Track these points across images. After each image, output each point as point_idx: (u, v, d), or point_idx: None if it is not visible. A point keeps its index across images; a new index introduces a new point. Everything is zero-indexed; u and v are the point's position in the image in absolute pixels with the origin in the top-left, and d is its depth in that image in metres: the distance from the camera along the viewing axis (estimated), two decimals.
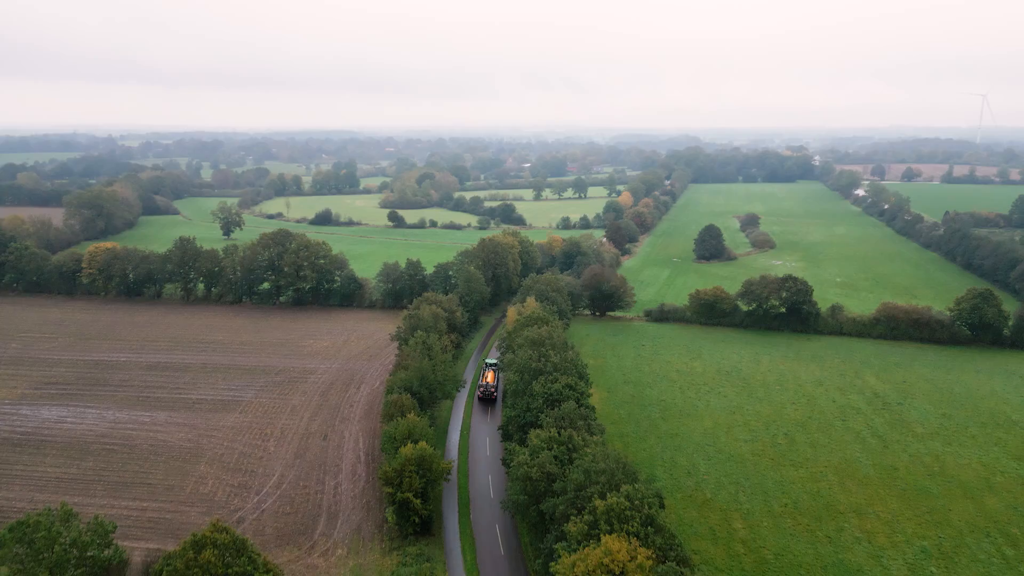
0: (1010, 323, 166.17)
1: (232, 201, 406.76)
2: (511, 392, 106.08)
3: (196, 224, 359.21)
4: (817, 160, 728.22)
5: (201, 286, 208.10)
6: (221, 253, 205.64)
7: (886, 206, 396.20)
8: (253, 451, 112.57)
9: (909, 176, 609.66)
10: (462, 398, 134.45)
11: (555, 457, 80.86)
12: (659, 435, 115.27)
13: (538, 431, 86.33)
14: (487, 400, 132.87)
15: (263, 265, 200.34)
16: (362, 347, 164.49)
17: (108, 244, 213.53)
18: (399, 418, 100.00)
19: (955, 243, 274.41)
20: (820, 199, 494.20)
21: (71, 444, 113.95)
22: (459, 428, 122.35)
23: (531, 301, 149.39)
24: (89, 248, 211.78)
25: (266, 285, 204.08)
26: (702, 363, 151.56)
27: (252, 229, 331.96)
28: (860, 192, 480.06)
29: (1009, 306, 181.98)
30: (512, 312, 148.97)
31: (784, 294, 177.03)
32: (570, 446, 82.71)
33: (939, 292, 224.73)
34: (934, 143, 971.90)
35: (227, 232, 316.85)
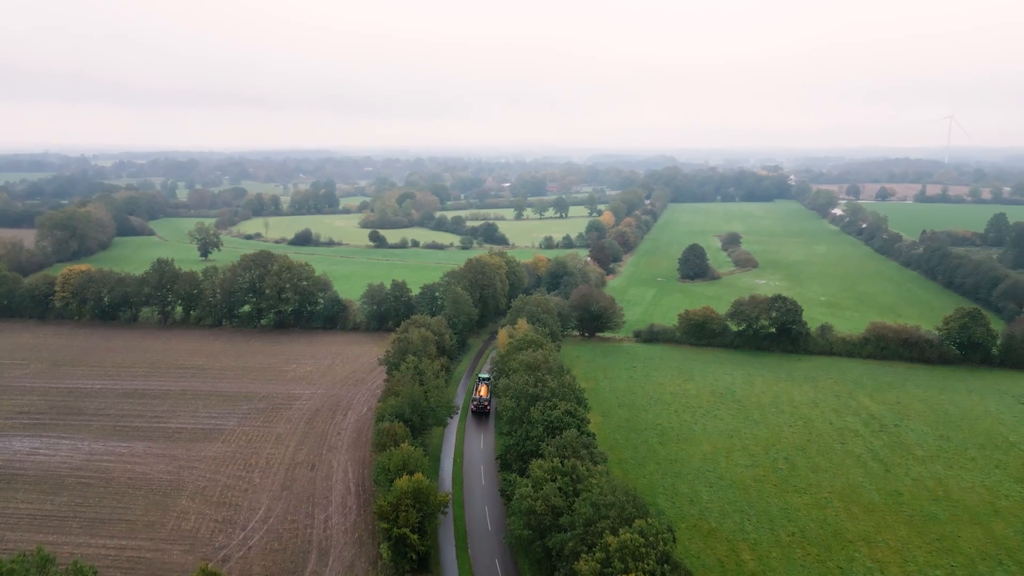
0: (998, 342, 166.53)
1: (209, 221, 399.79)
2: (507, 419, 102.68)
3: (172, 245, 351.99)
4: (793, 180, 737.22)
5: (179, 309, 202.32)
6: (200, 275, 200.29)
7: (864, 225, 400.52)
8: (237, 483, 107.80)
9: (883, 195, 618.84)
10: (453, 422, 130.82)
11: (559, 489, 77.62)
12: (658, 461, 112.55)
13: (540, 461, 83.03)
14: (480, 413, 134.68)
15: (244, 287, 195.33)
16: (347, 371, 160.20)
17: (82, 266, 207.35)
18: (392, 448, 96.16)
19: (935, 262, 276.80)
20: (798, 218, 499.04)
21: (44, 478, 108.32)
22: (452, 455, 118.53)
23: (523, 323, 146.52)
24: (63, 271, 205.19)
25: (247, 308, 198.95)
26: (695, 385, 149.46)
27: (230, 250, 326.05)
28: (837, 211, 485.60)
29: (993, 325, 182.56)
30: (503, 334, 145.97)
31: (774, 314, 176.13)
32: (574, 477, 79.55)
33: (922, 310, 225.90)
34: (905, 163, 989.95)
35: (204, 253, 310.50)
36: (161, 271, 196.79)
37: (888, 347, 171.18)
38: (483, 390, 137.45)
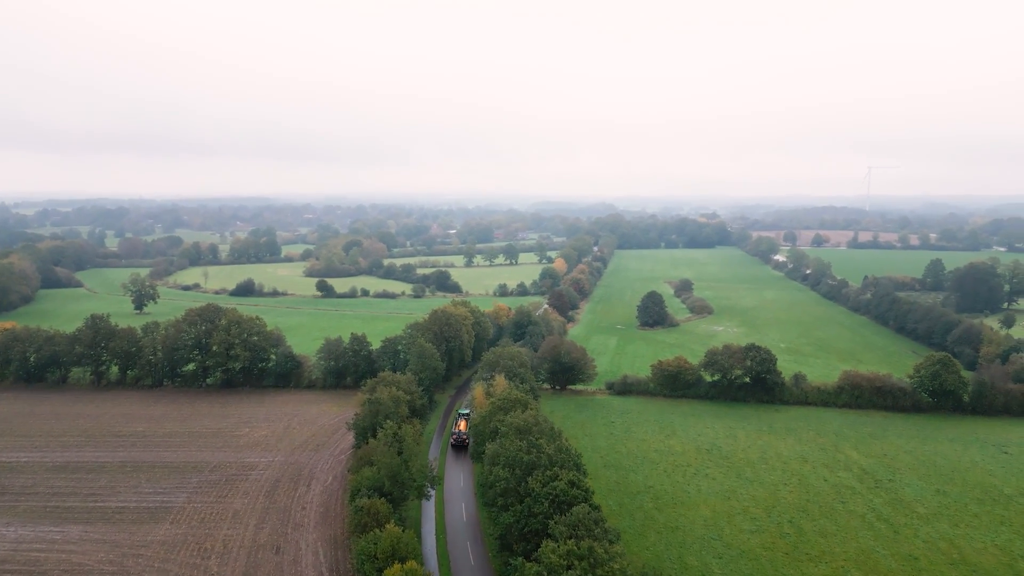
0: (969, 389, 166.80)
1: (143, 272, 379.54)
2: (501, 491, 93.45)
3: (103, 297, 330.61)
4: (731, 227, 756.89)
5: (115, 369, 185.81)
6: (140, 332, 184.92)
7: (808, 271, 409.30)
8: (191, 573, 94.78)
9: (819, 242, 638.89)
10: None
11: None
12: (658, 529, 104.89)
13: (552, 544, 74.24)
14: (459, 447, 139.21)
15: (189, 344, 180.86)
16: (307, 435, 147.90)
17: (6, 324, 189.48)
18: (376, 530, 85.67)
19: (885, 307, 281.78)
20: (741, 264, 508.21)
21: None
22: (433, 529, 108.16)
23: (501, 379, 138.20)
24: None
25: (191, 366, 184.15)
26: (679, 441, 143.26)
27: (167, 302, 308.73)
28: (780, 258, 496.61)
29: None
30: (480, 392, 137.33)
31: (748, 363, 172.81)
32: (592, 561, 71.13)
33: (880, 356, 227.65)
34: (834, 211, 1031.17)
35: (139, 306, 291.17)
36: (96, 328, 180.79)
37: (863, 396, 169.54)
38: (462, 424, 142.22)
